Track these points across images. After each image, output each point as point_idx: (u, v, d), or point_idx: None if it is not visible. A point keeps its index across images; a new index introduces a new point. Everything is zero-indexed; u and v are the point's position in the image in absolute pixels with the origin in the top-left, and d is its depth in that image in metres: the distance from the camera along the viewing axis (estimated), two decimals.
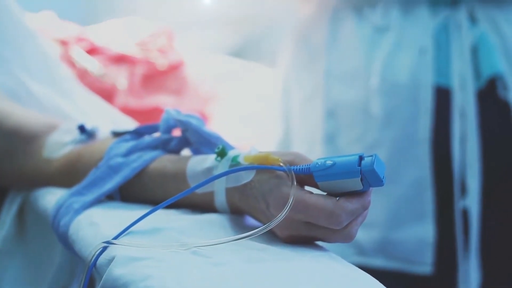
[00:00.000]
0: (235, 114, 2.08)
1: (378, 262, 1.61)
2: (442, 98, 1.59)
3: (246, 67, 2.37)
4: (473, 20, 1.60)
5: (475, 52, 1.59)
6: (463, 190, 1.59)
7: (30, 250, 1.16)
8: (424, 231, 1.60)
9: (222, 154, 0.93)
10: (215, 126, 1.91)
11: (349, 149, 1.67)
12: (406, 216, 1.61)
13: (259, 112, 2.12)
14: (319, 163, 0.86)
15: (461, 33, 1.59)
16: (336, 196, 0.86)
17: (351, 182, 0.85)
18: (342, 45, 1.69)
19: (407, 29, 1.62)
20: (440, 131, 1.59)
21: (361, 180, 0.84)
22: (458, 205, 1.58)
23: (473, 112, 1.57)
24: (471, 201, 1.57)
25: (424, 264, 1.61)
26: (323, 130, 1.71)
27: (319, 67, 1.72)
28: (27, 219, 1.16)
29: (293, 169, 0.87)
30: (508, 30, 1.59)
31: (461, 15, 1.59)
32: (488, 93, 1.59)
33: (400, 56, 1.62)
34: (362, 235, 1.62)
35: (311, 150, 1.74)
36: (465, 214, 1.59)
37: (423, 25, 1.61)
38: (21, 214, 1.16)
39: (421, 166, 1.60)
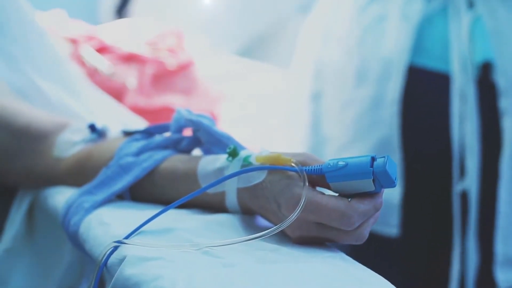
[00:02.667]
0: (241, 114, 2.08)
1: None
2: (441, 83, 1.60)
3: (253, 67, 2.37)
4: (470, 4, 1.61)
5: (471, 37, 1.60)
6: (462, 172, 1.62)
7: (39, 249, 1.16)
8: (390, 193, 1.61)
9: (233, 154, 0.93)
10: (222, 126, 1.91)
11: (328, 107, 1.72)
12: None
13: (265, 112, 2.12)
14: (331, 164, 0.86)
15: (459, 17, 1.60)
16: (348, 197, 0.86)
17: (363, 183, 0.85)
18: (340, 13, 1.73)
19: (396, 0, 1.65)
20: (438, 115, 1.60)
21: (373, 181, 0.84)
22: (457, 185, 1.59)
23: (473, 94, 1.58)
24: (471, 181, 1.59)
25: (390, 225, 1.62)
26: (311, 90, 1.77)
27: (320, 34, 1.78)
28: (37, 218, 1.16)
29: (305, 169, 0.87)
30: (503, 13, 1.59)
31: None
32: (482, 80, 1.61)
33: (383, 24, 1.65)
34: None
35: (302, 111, 1.79)
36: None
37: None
38: (30, 213, 1.16)
39: (388, 127, 1.61)
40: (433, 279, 1.70)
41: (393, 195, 1.61)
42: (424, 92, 1.62)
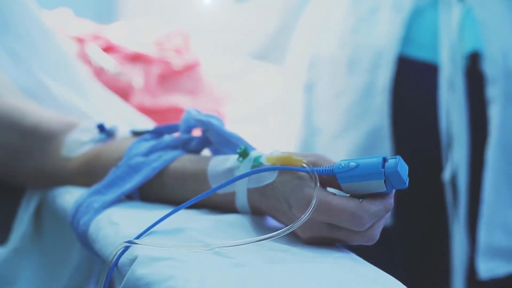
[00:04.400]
0: (242, 113, 2.08)
1: None
2: (431, 73, 1.61)
3: (255, 66, 2.37)
4: None
5: (461, 28, 1.60)
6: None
7: (47, 249, 1.16)
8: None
9: (244, 154, 0.93)
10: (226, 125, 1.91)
11: (321, 97, 1.73)
12: None
13: (266, 110, 2.12)
14: (343, 165, 0.86)
15: (451, 9, 1.60)
16: (359, 198, 0.86)
17: (374, 184, 0.85)
18: (335, 5, 1.74)
19: None
20: (428, 105, 1.61)
21: (385, 182, 0.84)
22: (445, 174, 1.60)
23: (461, 84, 1.59)
24: (460, 170, 1.59)
25: None
26: (305, 80, 1.78)
27: (316, 26, 1.79)
28: (45, 218, 1.16)
29: (316, 170, 0.87)
30: (493, 4, 1.60)
31: None
32: (471, 69, 1.61)
33: (375, 15, 1.66)
34: None
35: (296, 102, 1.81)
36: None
37: None
38: (38, 213, 1.16)
39: (379, 115, 1.61)
40: (427, 267, 1.70)
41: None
42: (414, 82, 1.64)
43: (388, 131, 1.62)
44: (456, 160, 1.60)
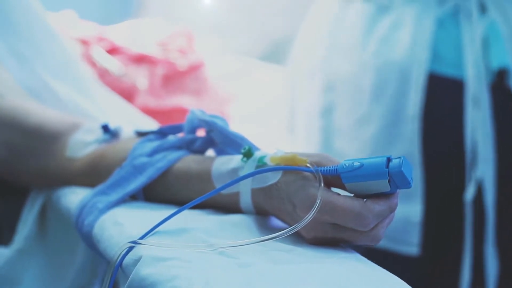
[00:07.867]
0: (246, 112, 2.08)
1: None
2: (457, 90, 1.58)
3: (257, 66, 2.37)
4: (483, 8, 1.59)
5: (485, 42, 1.58)
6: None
7: (51, 249, 1.16)
8: (411, 211, 1.58)
9: (248, 154, 0.93)
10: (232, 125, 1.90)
11: (341, 122, 1.68)
12: None
13: (269, 110, 2.12)
14: (347, 165, 0.86)
15: (472, 22, 1.58)
16: (363, 198, 0.86)
17: (378, 183, 0.85)
18: (347, 22, 1.69)
19: (409, 9, 1.61)
20: (457, 124, 1.59)
21: (389, 182, 0.84)
22: (468, 193, 1.58)
23: (487, 100, 1.56)
24: (487, 191, 1.57)
25: (410, 244, 1.60)
26: (321, 103, 1.73)
27: (324, 42, 1.73)
28: (49, 218, 1.16)
29: (321, 170, 0.87)
30: None
31: (471, 3, 1.59)
32: (497, 85, 1.59)
33: (398, 34, 1.62)
34: None
35: (310, 124, 1.76)
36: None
37: (426, 7, 1.60)
38: (43, 213, 1.16)
39: (409, 143, 1.59)
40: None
41: (413, 212, 1.58)
42: (441, 100, 1.60)
43: (418, 159, 1.59)
44: (480, 179, 1.57)
